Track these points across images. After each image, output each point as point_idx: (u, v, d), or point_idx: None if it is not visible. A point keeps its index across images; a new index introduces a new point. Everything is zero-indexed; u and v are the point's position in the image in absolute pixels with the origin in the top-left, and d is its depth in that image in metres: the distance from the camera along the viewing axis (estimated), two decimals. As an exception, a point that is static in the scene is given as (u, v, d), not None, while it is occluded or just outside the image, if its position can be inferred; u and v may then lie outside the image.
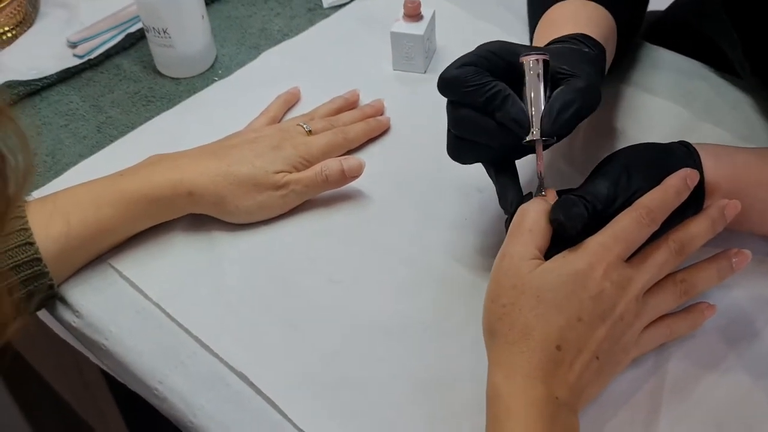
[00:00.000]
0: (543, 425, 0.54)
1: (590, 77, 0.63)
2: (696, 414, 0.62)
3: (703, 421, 0.61)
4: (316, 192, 0.76)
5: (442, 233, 0.74)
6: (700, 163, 0.64)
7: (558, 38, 0.69)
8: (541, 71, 0.62)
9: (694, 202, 0.63)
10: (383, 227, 0.75)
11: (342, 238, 0.74)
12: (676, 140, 0.66)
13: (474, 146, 0.65)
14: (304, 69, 0.90)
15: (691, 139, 0.66)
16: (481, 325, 0.61)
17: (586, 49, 0.67)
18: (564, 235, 0.59)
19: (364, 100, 0.85)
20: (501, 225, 0.66)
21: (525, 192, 0.65)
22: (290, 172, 0.74)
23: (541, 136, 0.62)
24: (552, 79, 0.63)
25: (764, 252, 0.69)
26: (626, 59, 0.86)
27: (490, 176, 0.67)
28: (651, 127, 0.80)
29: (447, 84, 0.63)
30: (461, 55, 0.64)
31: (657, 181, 0.61)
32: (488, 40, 0.65)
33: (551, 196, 0.63)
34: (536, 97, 0.62)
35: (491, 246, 0.72)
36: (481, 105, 0.62)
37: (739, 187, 0.65)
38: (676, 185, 0.61)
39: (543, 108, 0.62)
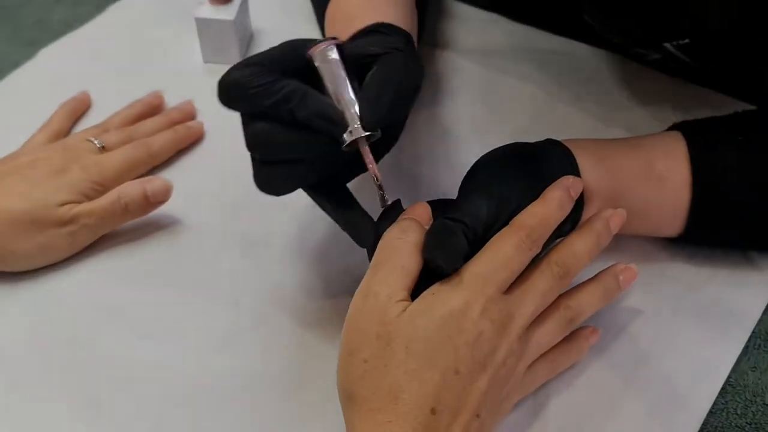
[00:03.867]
0: None
1: (406, 49, 0.53)
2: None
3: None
4: (113, 225, 0.64)
5: (273, 267, 0.63)
6: (577, 165, 0.56)
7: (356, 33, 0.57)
8: (338, 59, 0.51)
9: (573, 212, 0.54)
10: (200, 263, 0.64)
11: (150, 280, 0.62)
12: (529, 125, 0.60)
13: (286, 170, 0.52)
14: (93, 68, 0.78)
15: (550, 123, 0.61)
16: (335, 383, 0.49)
17: (392, 38, 0.56)
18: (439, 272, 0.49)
19: (170, 102, 0.74)
20: (348, 253, 0.55)
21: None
22: (79, 202, 0.63)
23: (364, 129, 0.50)
24: (362, 68, 0.52)
25: (642, 257, 0.62)
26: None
27: (323, 208, 0.55)
28: (504, 113, 0.71)
29: (227, 90, 0.51)
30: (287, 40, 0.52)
31: (535, 191, 0.53)
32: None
33: (422, 211, 0.52)
34: (341, 88, 0.51)
35: (337, 280, 0.61)
36: (275, 110, 0.50)
37: (620, 189, 0.58)
38: (558, 198, 0.52)
39: (354, 99, 0.50)
